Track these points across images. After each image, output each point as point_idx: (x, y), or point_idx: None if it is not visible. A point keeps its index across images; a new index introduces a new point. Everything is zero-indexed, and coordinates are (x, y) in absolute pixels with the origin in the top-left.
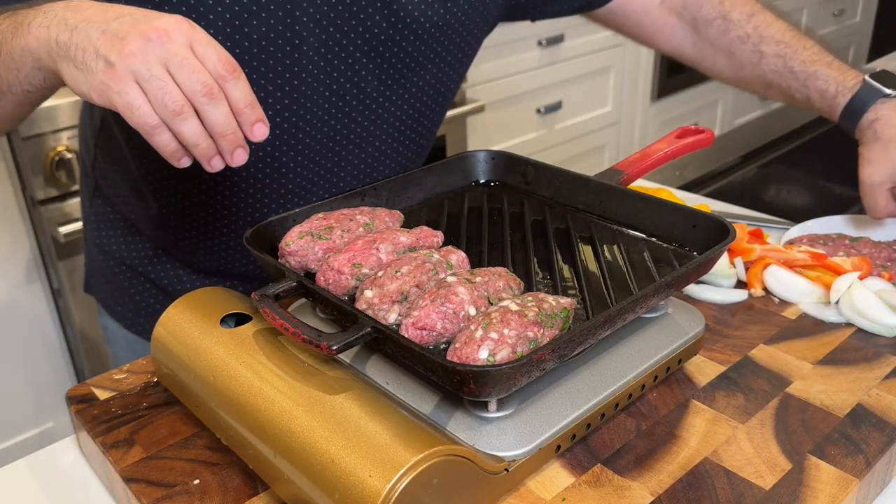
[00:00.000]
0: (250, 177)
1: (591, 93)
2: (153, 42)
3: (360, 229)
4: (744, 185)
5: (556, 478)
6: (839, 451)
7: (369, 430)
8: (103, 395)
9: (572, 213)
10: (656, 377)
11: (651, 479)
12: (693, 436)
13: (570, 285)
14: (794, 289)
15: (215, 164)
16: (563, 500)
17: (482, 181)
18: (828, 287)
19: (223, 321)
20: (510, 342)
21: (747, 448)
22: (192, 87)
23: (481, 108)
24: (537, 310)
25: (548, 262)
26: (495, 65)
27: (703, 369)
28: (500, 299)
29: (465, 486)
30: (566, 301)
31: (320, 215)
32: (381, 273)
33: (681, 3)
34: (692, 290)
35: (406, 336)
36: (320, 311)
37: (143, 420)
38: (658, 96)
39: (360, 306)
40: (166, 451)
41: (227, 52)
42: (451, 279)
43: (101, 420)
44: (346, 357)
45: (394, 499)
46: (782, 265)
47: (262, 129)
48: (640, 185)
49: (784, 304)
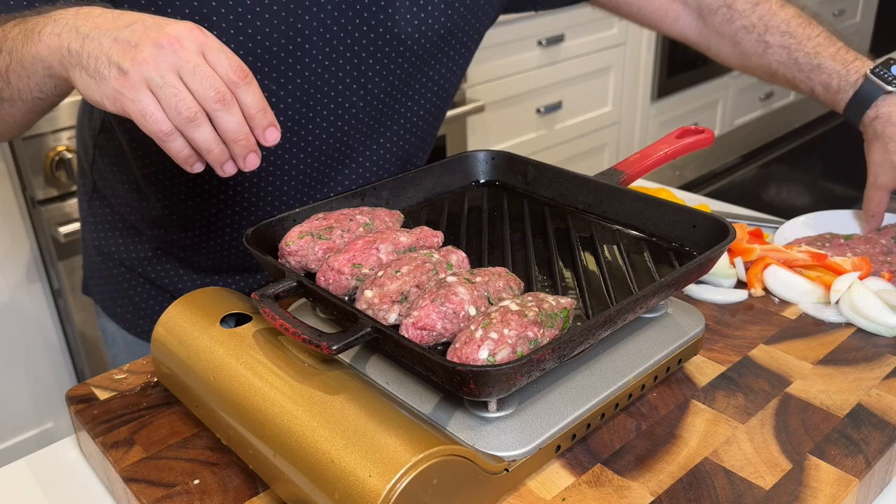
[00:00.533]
0: (254, 176)
1: (591, 93)
2: (165, 49)
3: (360, 229)
4: (744, 185)
5: (556, 478)
6: (839, 451)
7: (369, 430)
8: (103, 395)
9: (572, 214)
10: (656, 377)
11: (651, 479)
12: (693, 436)
13: (570, 285)
14: (794, 289)
15: (228, 169)
16: (563, 500)
17: (482, 181)
18: (828, 287)
19: (223, 321)
20: (510, 342)
21: (747, 448)
22: (205, 94)
23: (481, 108)
24: (537, 310)
25: (548, 262)
26: (495, 65)
27: (703, 369)
28: (500, 299)
29: (465, 486)
30: (566, 301)
31: (320, 215)
32: (381, 273)
33: None
34: (692, 290)
35: (406, 336)
36: (320, 311)
37: (143, 420)
38: (658, 96)
39: (360, 306)
40: (166, 451)
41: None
42: (451, 279)
43: (101, 420)
44: (346, 357)
45: (394, 499)
46: (782, 265)
47: (273, 134)
48: (640, 185)
49: (784, 304)
